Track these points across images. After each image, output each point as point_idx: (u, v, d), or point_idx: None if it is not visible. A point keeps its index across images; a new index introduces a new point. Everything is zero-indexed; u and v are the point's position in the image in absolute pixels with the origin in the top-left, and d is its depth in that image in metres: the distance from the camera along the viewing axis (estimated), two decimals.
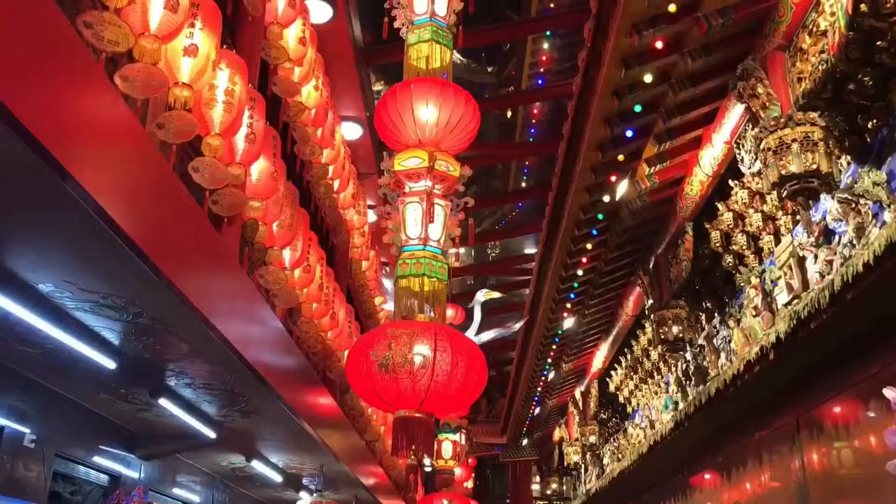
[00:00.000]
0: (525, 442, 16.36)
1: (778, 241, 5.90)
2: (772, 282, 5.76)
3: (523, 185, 18.87)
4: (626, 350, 10.11)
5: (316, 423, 6.58)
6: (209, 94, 4.02)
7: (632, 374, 10.35)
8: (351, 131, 8.10)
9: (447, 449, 10.48)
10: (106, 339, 4.27)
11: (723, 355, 6.76)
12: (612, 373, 11.04)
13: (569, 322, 8.85)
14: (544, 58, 16.23)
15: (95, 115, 2.74)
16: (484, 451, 18.04)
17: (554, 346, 9.74)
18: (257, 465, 7.81)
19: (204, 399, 5.52)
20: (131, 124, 3.00)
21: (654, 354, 9.31)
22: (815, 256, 5.10)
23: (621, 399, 11.25)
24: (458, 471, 13.10)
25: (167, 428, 6.19)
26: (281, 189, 5.23)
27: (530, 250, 17.89)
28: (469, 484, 18.63)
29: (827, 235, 5.00)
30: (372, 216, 9.54)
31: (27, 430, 5.13)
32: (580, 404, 12.52)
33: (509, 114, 19.86)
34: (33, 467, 5.25)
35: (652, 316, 6.91)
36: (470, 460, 17.54)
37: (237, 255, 4.75)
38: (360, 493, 10.22)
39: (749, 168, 5.14)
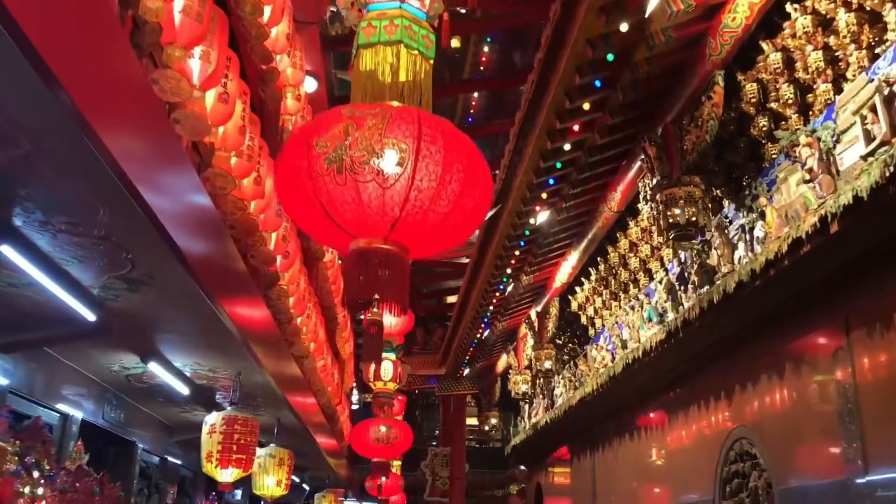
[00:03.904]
0: (466, 372, 15.16)
1: (839, 91, 4.61)
2: (833, 137, 4.47)
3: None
4: (598, 259, 8.85)
5: (230, 306, 5.08)
6: None
7: (602, 287, 9.12)
8: None
9: (387, 369, 9.11)
10: None
11: (741, 246, 5.51)
12: (577, 288, 9.81)
13: (541, 217, 7.50)
14: None
15: None
16: (419, 385, 16.80)
17: (517, 252, 8.39)
18: (157, 371, 6.26)
19: (71, 254, 3.93)
20: None
21: (633, 262, 8.08)
22: None
23: (584, 320, 10.05)
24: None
25: (24, 305, 4.59)
26: None
27: None
28: (399, 419, 17.45)
29: None
30: (311, 83, 7.92)
31: None
32: (536, 326, 11.31)
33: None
34: None
35: (658, 196, 5.59)
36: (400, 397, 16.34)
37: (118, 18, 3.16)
38: (285, 415, 8.81)
39: None
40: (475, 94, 13.07)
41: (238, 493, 13.67)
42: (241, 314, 5.43)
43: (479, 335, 12.15)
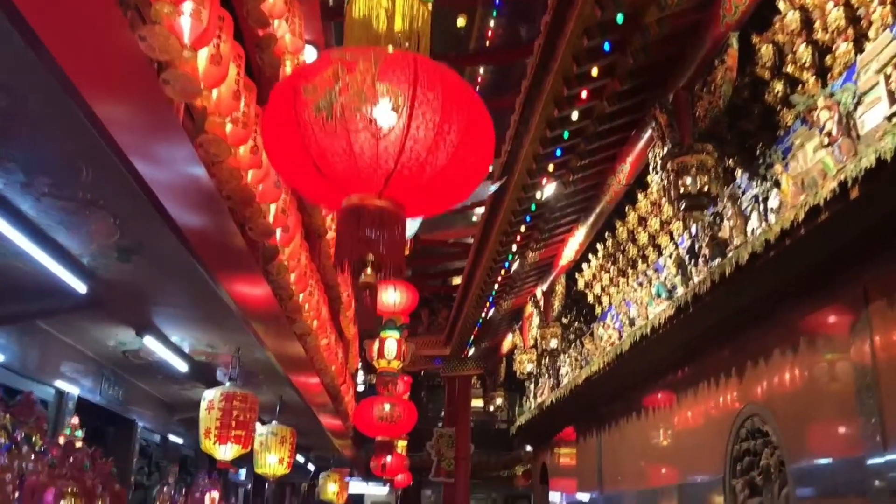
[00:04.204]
0: (471, 352, 15.01)
1: (860, 51, 4.40)
2: (853, 99, 4.27)
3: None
4: (606, 234, 8.66)
5: (228, 280, 4.93)
6: None
7: (609, 264, 8.94)
8: None
9: (391, 348, 8.94)
10: None
11: (754, 217, 5.32)
12: (584, 265, 9.62)
13: (547, 191, 7.30)
14: None
15: None
16: (424, 365, 16.68)
17: (523, 227, 8.19)
18: (154, 346, 6.13)
19: (56, 219, 3.78)
20: None
21: (642, 237, 7.89)
22: None
23: (590, 298, 9.87)
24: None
25: (12, 276, 4.45)
26: None
27: None
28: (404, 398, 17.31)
29: None
30: (311, 53, 7.71)
31: None
32: (541, 304, 11.13)
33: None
34: None
35: (669, 164, 5.39)
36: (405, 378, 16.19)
37: None
38: (288, 393, 8.68)
39: None
40: (481, 70, 12.85)
41: (242, 473, 13.57)
42: (238, 288, 5.27)
43: (484, 314, 11.99)
